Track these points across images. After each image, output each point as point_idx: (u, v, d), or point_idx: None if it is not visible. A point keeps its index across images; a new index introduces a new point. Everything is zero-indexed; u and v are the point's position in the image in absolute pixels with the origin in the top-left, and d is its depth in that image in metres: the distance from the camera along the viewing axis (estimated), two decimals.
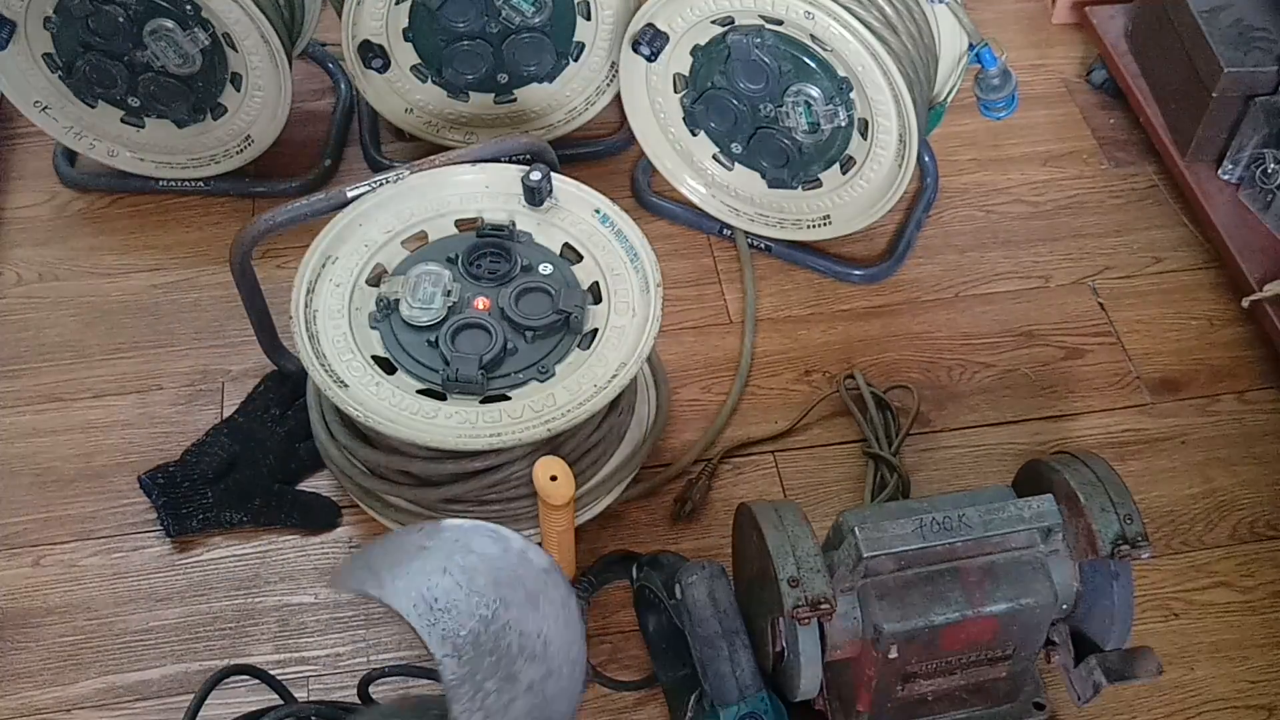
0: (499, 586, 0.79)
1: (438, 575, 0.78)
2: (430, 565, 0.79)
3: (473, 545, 0.81)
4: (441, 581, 0.78)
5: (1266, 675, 1.22)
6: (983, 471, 1.37)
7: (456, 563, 0.79)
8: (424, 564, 0.79)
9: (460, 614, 0.76)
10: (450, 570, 0.78)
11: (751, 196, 1.54)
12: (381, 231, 1.25)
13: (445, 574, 0.78)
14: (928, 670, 1.04)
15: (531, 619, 0.78)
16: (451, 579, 0.78)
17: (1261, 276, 1.46)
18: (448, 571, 0.78)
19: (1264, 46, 1.52)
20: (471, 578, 0.78)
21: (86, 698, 1.19)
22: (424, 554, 0.80)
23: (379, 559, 0.81)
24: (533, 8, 1.50)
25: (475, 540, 0.81)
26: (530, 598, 0.79)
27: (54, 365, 1.45)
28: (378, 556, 0.81)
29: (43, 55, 1.48)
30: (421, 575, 0.78)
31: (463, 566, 0.79)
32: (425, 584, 0.77)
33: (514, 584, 0.80)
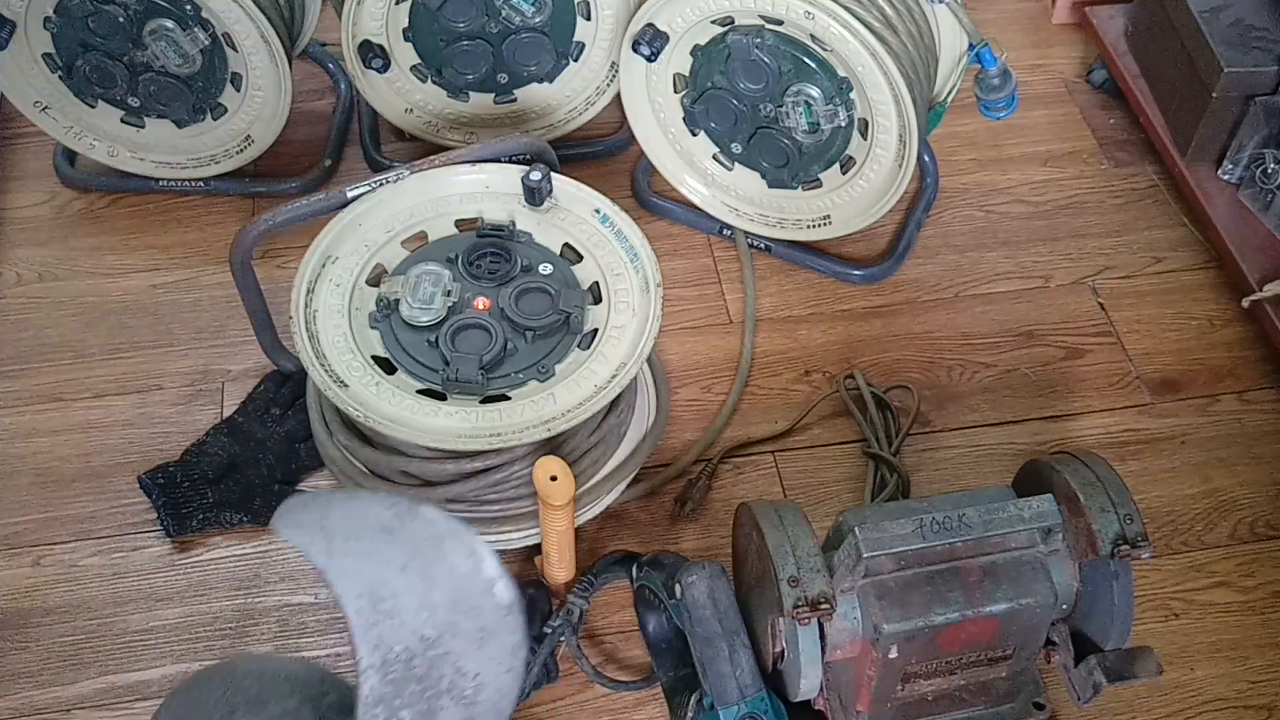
0: (454, 609, 0.69)
1: (394, 570, 0.68)
2: (391, 554, 0.69)
3: (444, 550, 0.70)
4: (395, 580, 0.68)
5: (1266, 675, 1.22)
6: (983, 471, 1.37)
7: (420, 565, 0.69)
8: (384, 550, 0.69)
9: (403, 625, 0.67)
10: (410, 569, 0.69)
11: (751, 196, 1.54)
12: (381, 231, 1.25)
13: (403, 571, 0.68)
14: (928, 670, 1.04)
15: (474, 657, 0.69)
16: (407, 581, 0.68)
17: (1261, 276, 1.46)
18: (407, 570, 0.68)
19: (1264, 46, 1.52)
20: (429, 588, 0.69)
21: (86, 698, 1.19)
22: (388, 538, 0.70)
23: (336, 521, 0.71)
24: (533, 8, 1.50)
25: (448, 545, 0.71)
26: (481, 634, 0.69)
27: (54, 365, 1.45)
28: (336, 517, 0.71)
29: (43, 55, 1.48)
30: (377, 563, 0.68)
31: (424, 571, 0.69)
32: (378, 575, 0.68)
33: (471, 612, 0.70)
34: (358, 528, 0.69)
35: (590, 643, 1.23)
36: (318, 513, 0.71)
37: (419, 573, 0.69)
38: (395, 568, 0.68)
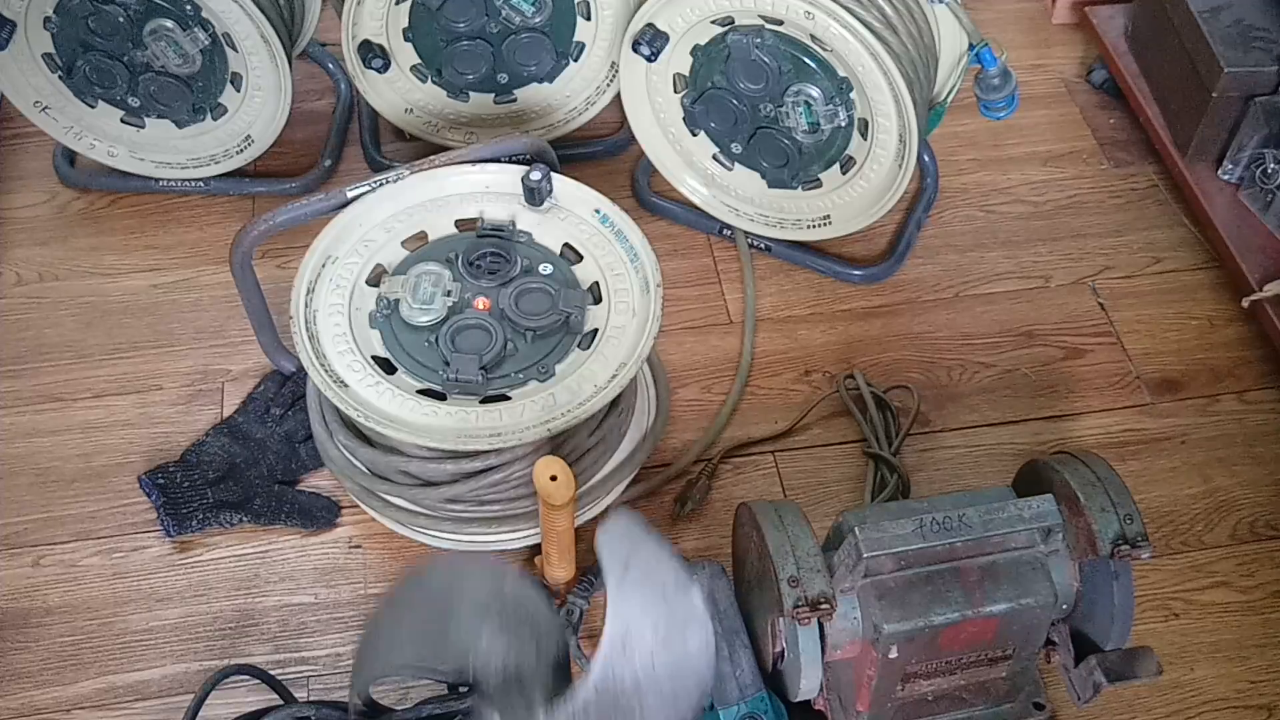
0: (668, 675, 0.82)
1: (649, 625, 0.81)
2: (656, 612, 0.81)
3: (689, 634, 0.83)
4: (646, 632, 0.81)
5: (1266, 675, 1.22)
6: (983, 471, 1.37)
7: (667, 634, 0.82)
8: (653, 606, 0.81)
9: (631, 664, 0.80)
10: (658, 631, 0.82)
11: (751, 196, 1.54)
12: (381, 231, 1.25)
13: (654, 630, 0.81)
14: (928, 670, 1.04)
15: (655, 714, 0.82)
16: (653, 637, 0.81)
17: (1261, 276, 1.46)
18: (656, 630, 0.81)
19: (1264, 46, 1.52)
20: (662, 651, 0.82)
21: (86, 698, 1.19)
22: (659, 599, 0.82)
23: (641, 560, 0.82)
24: (533, 8, 1.50)
25: (694, 632, 0.84)
26: (669, 702, 0.82)
27: (54, 365, 1.45)
28: (642, 555, 0.82)
29: (43, 55, 1.48)
30: (643, 612, 0.81)
31: (667, 639, 0.82)
32: (638, 621, 0.81)
33: (671, 681, 0.83)
34: (649, 576, 0.82)
35: (590, 643, 1.23)
36: (632, 544, 0.83)
37: (663, 636, 0.82)
38: (650, 624, 0.81)
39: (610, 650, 0.81)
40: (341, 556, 1.29)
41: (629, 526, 0.84)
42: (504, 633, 0.84)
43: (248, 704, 1.14)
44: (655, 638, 0.82)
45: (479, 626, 0.84)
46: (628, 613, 0.82)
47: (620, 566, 0.82)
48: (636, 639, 0.81)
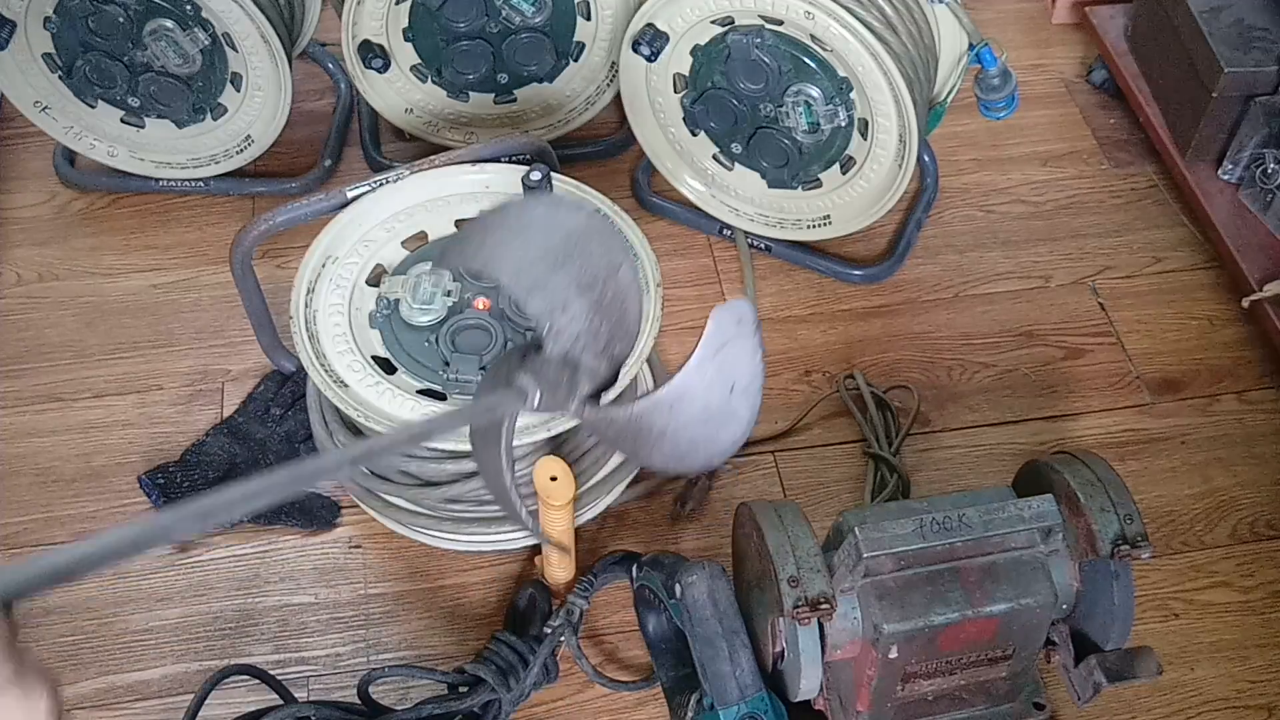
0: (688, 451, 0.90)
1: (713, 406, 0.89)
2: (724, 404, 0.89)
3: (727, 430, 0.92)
4: (701, 408, 0.88)
5: (1266, 675, 1.22)
6: (983, 471, 1.37)
7: (720, 419, 0.90)
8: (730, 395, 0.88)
9: (666, 422, 0.87)
10: (716, 419, 0.89)
11: (751, 196, 1.54)
12: (381, 231, 1.25)
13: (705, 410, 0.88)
14: (928, 670, 1.04)
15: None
16: (702, 418, 0.88)
17: (1261, 276, 1.46)
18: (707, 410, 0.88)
19: (1264, 46, 1.52)
20: (703, 433, 0.89)
21: (86, 698, 1.19)
22: (736, 390, 0.89)
23: (743, 343, 0.90)
24: (533, 8, 1.50)
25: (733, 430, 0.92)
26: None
27: (54, 365, 1.45)
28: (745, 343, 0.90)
29: (43, 55, 1.48)
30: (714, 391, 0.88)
31: (713, 424, 0.90)
32: (702, 397, 0.87)
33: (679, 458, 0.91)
34: (730, 368, 0.90)
35: (590, 643, 1.23)
36: (738, 334, 0.90)
37: (706, 418, 0.89)
38: (703, 404, 0.88)
39: (661, 402, 0.86)
40: (341, 556, 1.29)
41: (745, 315, 0.90)
42: (591, 316, 0.84)
43: (248, 704, 1.14)
44: (699, 416, 0.87)
45: (576, 296, 0.84)
46: (694, 385, 0.87)
47: (716, 343, 0.88)
48: (686, 406, 0.87)
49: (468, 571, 1.28)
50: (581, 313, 0.83)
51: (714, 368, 0.86)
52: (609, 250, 0.87)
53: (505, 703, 1.13)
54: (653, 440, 0.87)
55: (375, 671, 1.12)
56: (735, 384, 0.87)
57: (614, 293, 0.85)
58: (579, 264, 0.85)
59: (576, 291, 0.83)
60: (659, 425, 0.86)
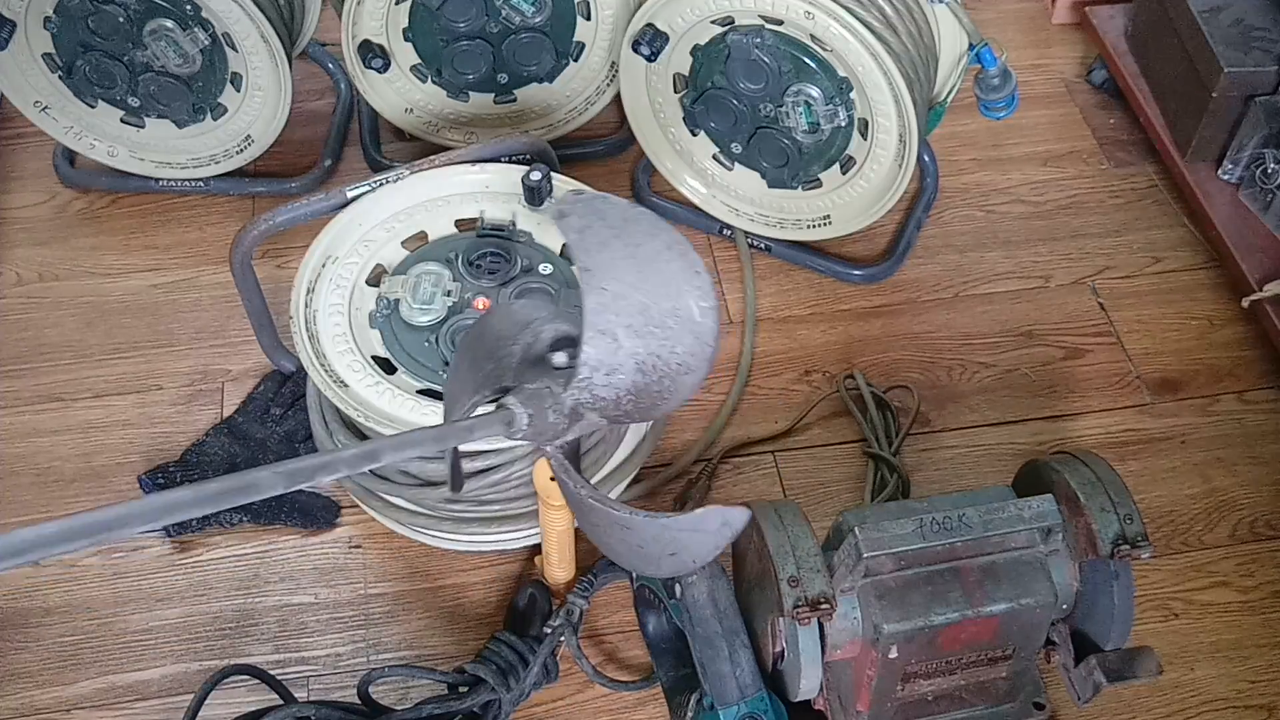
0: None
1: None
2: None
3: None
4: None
5: (1266, 675, 1.22)
6: (983, 471, 1.37)
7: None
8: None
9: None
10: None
11: (751, 196, 1.54)
12: (381, 231, 1.25)
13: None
14: (928, 670, 1.04)
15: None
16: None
17: (1261, 276, 1.46)
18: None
19: (1264, 46, 1.52)
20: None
21: (86, 698, 1.19)
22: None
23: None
24: (533, 8, 1.50)
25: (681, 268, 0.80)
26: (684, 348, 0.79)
27: (54, 365, 1.45)
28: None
29: (43, 55, 1.48)
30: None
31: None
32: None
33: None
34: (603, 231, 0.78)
35: (590, 643, 1.23)
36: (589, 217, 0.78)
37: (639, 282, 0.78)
38: (630, 275, 0.77)
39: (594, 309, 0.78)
40: (341, 556, 1.29)
41: (574, 204, 0.79)
42: (629, 394, 0.78)
43: (248, 704, 1.14)
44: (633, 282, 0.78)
45: (636, 371, 0.77)
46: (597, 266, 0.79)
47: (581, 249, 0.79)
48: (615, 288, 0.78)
49: (468, 571, 1.28)
50: (622, 386, 0.77)
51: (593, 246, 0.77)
52: (691, 349, 0.79)
53: (505, 703, 1.13)
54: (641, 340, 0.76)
55: (375, 671, 1.12)
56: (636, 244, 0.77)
57: (660, 386, 0.78)
58: (659, 339, 0.78)
59: (635, 366, 0.77)
60: (619, 322, 0.76)
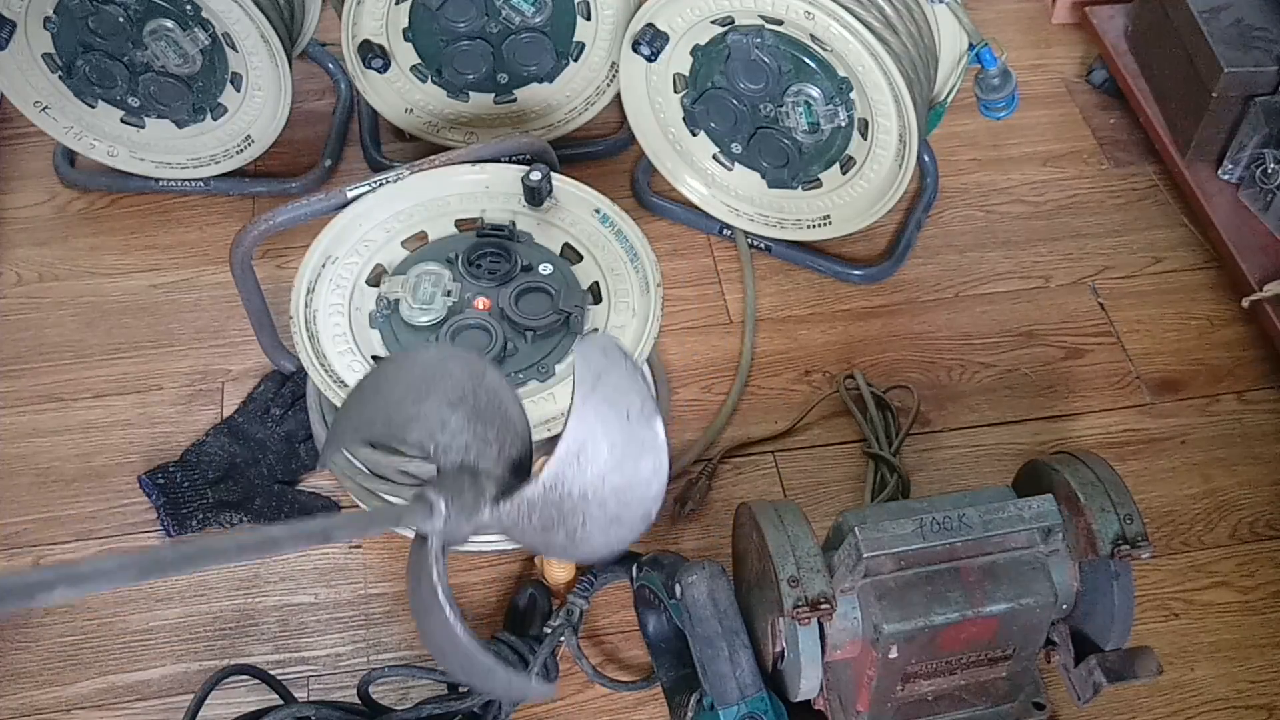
0: (615, 495, 0.84)
1: (607, 444, 0.83)
2: (614, 433, 0.83)
3: (642, 461, 0.85)
4: (602, 450, 0.83)
5: (1266, 675, 1.22)
6: (983, 471, 1.37)
7: (623, 454, 0.84)
8: (615, 427, 0.83)
9: (582, 477, 0.82)
10: (614, 451, 0.83)
11: (751, 196, 1.54)
12: (381, 231, 1.25)
13: (610, 450, 0.83)
14: (928, 670, 1.04)
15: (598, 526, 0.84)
16: (608, 456, 0.83)
17: (1261, 276, 1.46)
18: (613, 450, 0.83)
19: (1264, 46, 1.52)
20: (615, 471, 0.83)
21: (86, 698, 1.19)
22: (622, 422, 0.83)
23: (611, 381, 0.83)
24: (533, 8, 1.50)
25: (648, 460, 0.85)
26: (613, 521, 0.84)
27: (54, 365, 1.45)
28: (613, 378, 0.83)
29: (43, 55, 1.48)
30: (603, 430, 0.82)
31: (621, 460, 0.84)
32: (596, 438, 0.82)
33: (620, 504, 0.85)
34: (616, 397, 0.83)
35: (590, 643, 1.23)
36: (608, 362, 0.83)
37: (618, 458, 0.83)
38: (608, 444, 0.82)
39: (565, 458, 0.82)
40: (341, 556, 1.29)
41: (609, 346, 0.84)
42: (472, 423, 0.85)
43: (248, 704, 1.14)
44: (610, 457, 0.83)
45: (450, 412, 0.85)
46: (588, 427, 0.82)
47: (591, 379, 0.83)
48: (592, 453, 0.82)
49: (468, 571, 1.28)
50: (461, 425, 0.84)
51: (598, 401, 0.83)
52: (468, 364, 0.88)
53: (505, 703, 1.13)
54: (580, 508, 0.83)
55: (375, 671, 1.12)
56: (629, 410, 0.83)
57: (487, 397, 0.86)
58: (442, 386, 0.86)
59: (449, 409, 0.84)
60: (576, 486, 0.82)
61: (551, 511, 0.83)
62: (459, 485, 0.81)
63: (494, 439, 0.85)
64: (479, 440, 0.85)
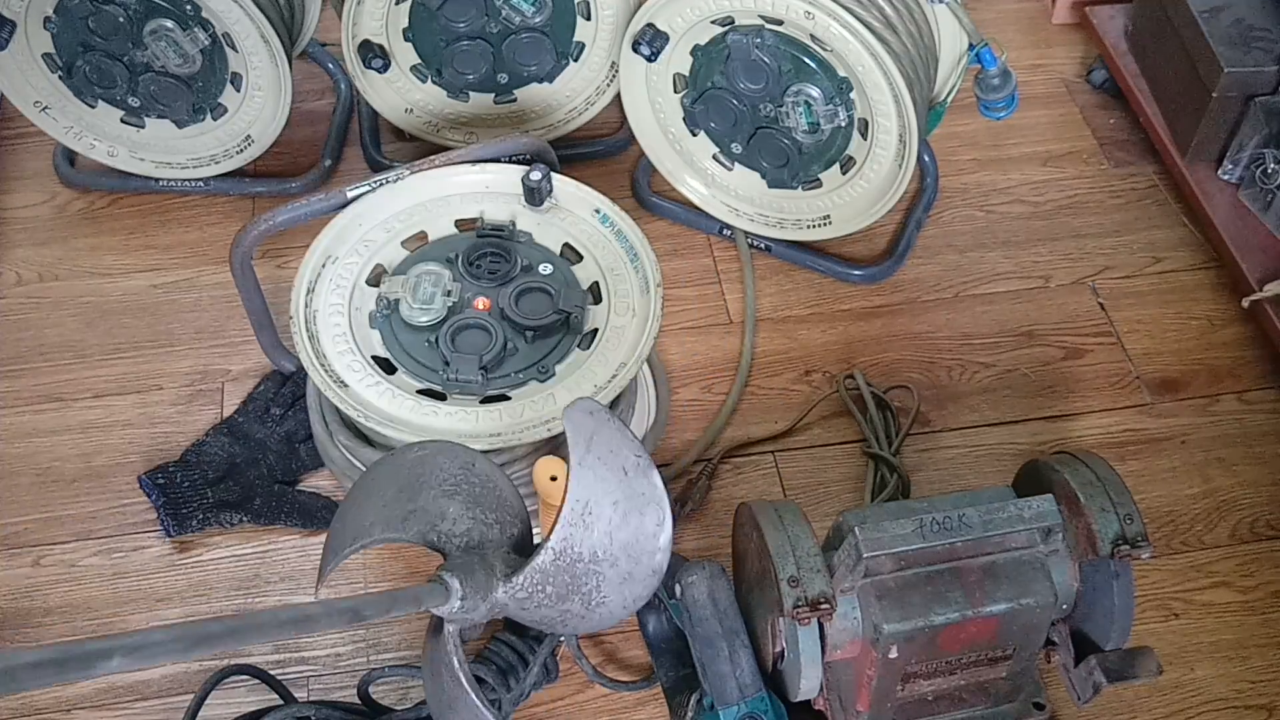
0: (624, 551, 0.86)
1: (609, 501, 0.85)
2: (616, 490, 0.85)
3: (646, 512, 0.88)
4: (606, 507, 0.85)
5: (1266, 675, 1.22)
6: (983, 471, 1.37)
7: (627, 509, 0.86)
8: (614, 484, 0.85)
9: (590, 538, 0.84)
10: (618, 507, 0.86)
11: (751, 196, 1.54)
12: (381, 231, 1.25)
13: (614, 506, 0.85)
14: (928, 670, 1.04)
15: (613, 587, 0.86)
16: (612, 512, 0.85)
17: (1261, 276, 1.46)
18: (617, 506, 0.85)
19: (1264, 46, 1.52)
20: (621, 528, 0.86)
21: (86, 698, 1.19)
22: (620, 477, 0.85)
23: (602, 440, 0.84)
24: (533, 8, 1.50)
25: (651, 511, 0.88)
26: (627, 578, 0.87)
27: (54, 365, 1.45)
28: (604, 436, 0.85)
29: (43, 55, 1.48)
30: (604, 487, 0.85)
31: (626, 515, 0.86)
32: (599, 496, 0.84)
33: (631, 560, 0.88)
34: (611, 456, 0.84)
35: (590, 642, 1.23)
36: (596, 424, 0.85)
37: (623, 513, 0.84)
38: (610, 501, 0.84)
39: (570, 521, 0.83)
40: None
41: (594, 408, 0.86)
42: (470, 508, 0.87)
43: (248, 704, 1.14)
44: (614, 513, 0.84)
45: (446, 502, 0.87)
46: (588, 487, 0.84)
47: (585, 443, 0.84)
48: (596, 513, 0.84)
49: None
50: (460, 512, 0.87)
51: (594, 462, 0.84)
52: (455, 455, 0.90)
53: (505, 703, 1.13)
54: (592, 570, 0.84)
55: (375, 671, 1.12)
56: (625, 467, 0.85)
57: (480, 484, 0.88)
58: (435, 479, 0.88)
59: (445, 499, 0.87)
60: (585, 548, 0.84)
61: (565, 578, 0.84)
62: (469, 566, 0.82)
63: (494, 520, 0.87)
64: (480, 524, 0.86)
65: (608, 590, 0.86)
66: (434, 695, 0.88)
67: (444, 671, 0.84)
